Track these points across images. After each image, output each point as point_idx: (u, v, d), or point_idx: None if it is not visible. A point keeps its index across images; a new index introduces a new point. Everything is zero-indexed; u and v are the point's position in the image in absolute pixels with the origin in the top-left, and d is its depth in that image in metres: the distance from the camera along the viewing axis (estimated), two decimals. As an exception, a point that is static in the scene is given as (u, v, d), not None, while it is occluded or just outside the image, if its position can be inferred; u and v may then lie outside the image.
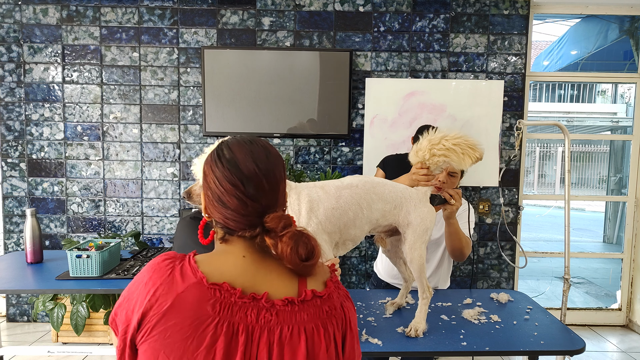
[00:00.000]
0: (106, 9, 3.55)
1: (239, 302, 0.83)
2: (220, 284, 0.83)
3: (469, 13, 3.59)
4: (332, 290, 0.92)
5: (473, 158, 1.64)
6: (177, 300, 0.81)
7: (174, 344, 0.79)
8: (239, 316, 0.82)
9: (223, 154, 0.91)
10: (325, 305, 0.89)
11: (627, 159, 4.08)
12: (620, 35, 4.42)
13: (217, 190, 0.89)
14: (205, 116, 3.49)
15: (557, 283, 5.59)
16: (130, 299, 0.85)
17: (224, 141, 0.96)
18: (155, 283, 0.82)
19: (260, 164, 0.90)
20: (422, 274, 1.63)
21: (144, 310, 0.81)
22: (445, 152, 1.63)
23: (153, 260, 0.88)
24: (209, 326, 0.80)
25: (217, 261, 0.89)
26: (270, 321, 0.84)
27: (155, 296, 0.81)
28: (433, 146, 1.64)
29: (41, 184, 3.66)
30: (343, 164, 3.67)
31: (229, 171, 0.88)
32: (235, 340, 0.81)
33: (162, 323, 0.80)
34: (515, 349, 1.57)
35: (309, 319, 0.86)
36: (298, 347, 0.84)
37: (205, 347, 0.79)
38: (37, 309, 3.20)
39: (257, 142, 0.94)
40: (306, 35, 3.59)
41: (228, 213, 0.89)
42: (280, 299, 0.86)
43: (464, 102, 3.55)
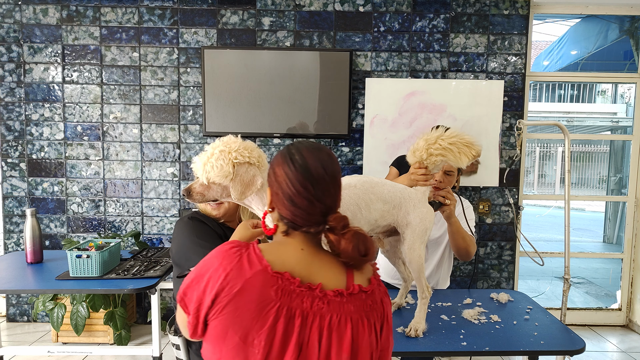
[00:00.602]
0: (106, 9, 3.55)
1: (297, 290, 0.94)
2: (282, 272, 0.95)
3: (469, 13, 3.59)
4: (375, 287, 1.04)
5: (470, 156, 1.64)
6: (245, 284, 0.92)
7: (241, 322, 0.91)
8: (296, 302, 0.93)
9: (295, 159, 1.02)
10: (369, 300, 1.01)
11: (627, 159, 4.08)
12: (620, 35, 4.42)
13: (289, 190, 1.00)
14: (205, 116, 3.49)
15: (557, 283, 5.59)
16: (199, 281, 0.95)
17: (293, 147, 1.06)
18: (226, 268, 0.94)
19: (327, 169, 1.02)
20: (421, 274, 1.63)
21: (216, 292, 0.92)
22: (442, 152, 1.63)
23: (221, 247, 1.00)
24: (271, 309, 0.91)
25: (278, 251, 1.00)
26: (322, 309, 0.95)
27: (226, 280, 0.92)
28: (430, 146, 1.64)
29: (41, 184, 3.66)
30: (343, 164, 3.67)
31: (302, 175, 1.00)
32: (292, 323, 0.92)
33: (232, 303, 0.92)
34: (515, 349, 1.57)
35: (355, 310, 0.98)
36: (344, 334, 0.95)
37: (268, 326, 0.91)
38: (37, 309, 3.20)
39: (323, 148, 1.07)
40: (306, 35, 3.59)
41: (297, 211, 1.00)
42: (332, 290, 0.97)
43: (464, 102, 3.55)
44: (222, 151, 1.40)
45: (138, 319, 3.75)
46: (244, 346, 0.91)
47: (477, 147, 1.65)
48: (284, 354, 0.91)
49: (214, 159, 1.39)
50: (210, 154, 1.41)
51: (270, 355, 0.91)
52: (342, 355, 0.94)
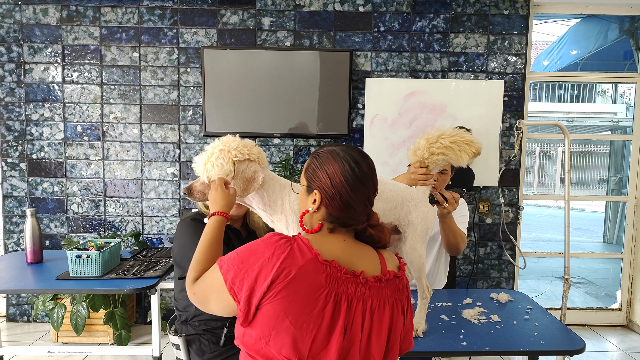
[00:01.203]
0: (106, 9, 3.55)
1: (343, 276, 1.02)
2: (330, 261, 1.02)
3: (469, 13, 3.59)
4: (404, 273, 1.14)
5: (470, 154, 1.64)
6: (299, 271, 0.98)
7: (293, 306, 0.97)
8: (343, 288, 1.01)
9: (352, 166, 1.09)
10: (400, 284, 1.11)
11: (627, 159, 4.08)
12: (620, 35, 4.42)
13: (348, 196, 1.08)
14: (205, 116, 3.49)
15: (557, 283, 5.59)
16: (250, 270, 1.00)
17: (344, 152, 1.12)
18: (280, 257, 0.99)
19: (374, 174, 1.13)
20: (422, 274, 1.63)
21: (272, 278, 0.98)
22: (444, 151, 1.63)
23: (268, 238, 1.05)
24: (321, 294, 0.98)
25: (324, 242, 1.08)
26: (364, 294, 1.03)
27: (282, 267, 0.98)
28: (431, 145, 1.64)
29: (41, 184, 3.66)
30: (343, 164, 3.66)
31: (360, 181, 1.09)
32: (339, 307, 1.00)
33: (286, 289, 0.97)
34: (515, 349, 1.57)
35: (390, 294, 1.08)
36: (384, 316, 1.05)
37: (317, 310, 0.97)
38: (37, 309, 3.20)
39: (365, 153, 1.15)
40: (306, 35, 3.59)
41: (353, 213, 1.09)
42: (372, 277, 1.06)
43: (464, 102, 3.55)
44: (221, 150, 1.42)
45: (138, 319, 3.75)
46: (293, 329, 0.97)
47: (477, 145, 1.65)
48: (331, 336, 0.98)
49: (214, 158, 1.41)
50: (210, 153, 1.43)
51: (317, 337, 0.98)
52: (382, 335, 1.04)
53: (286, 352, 0.97)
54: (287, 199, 1.44)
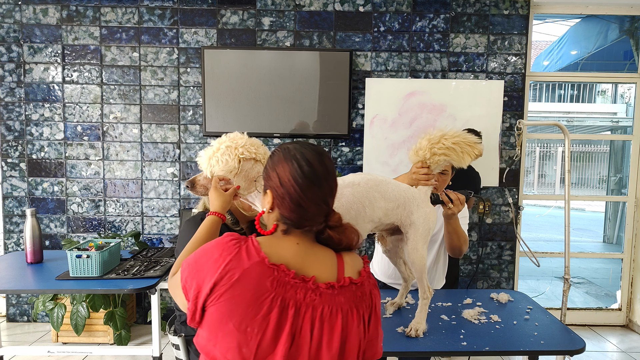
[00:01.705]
0: (106, 9, 3.55)
1: (291, 281, 0.98)
2: (278, 265, 0.99)
3: (469, 13, 3.59)
4: (364, 279, 1.07)
5: (472, 155, 1.64)
6: (243, 274, 0.96)
7: (237, 309, 0.95)
8: (291, 293, 0.97)
9: (302, 164, 1.04)
10: (359, 291, 1.05)
11: (627, 159, 4.08)
12: (620, 35, 4.42)
13: (297, 196, 1.03)
14: (205, 116, 3.49)
15: (557, 283, 5.59)
16: (200, 270, 0.99)
17: (297, 150, 1.07)
18: (226, 259, 0.97)
19: (330, 174, 1.07)
20: (423, 274, 1.63)
21: (215, 280, 0.96)
22: (446, 151, 1.63)
23: (220, 239, 1.03)
24: (266, 299, 0.95)
25: (275, 244, 1.04)
26: (314, 300, 0.99)
27: (225, 269, 0.96)
28: (433, 145, 1.64)
29: (41, 184, 3.66)
30: (343, 164, 3.67)
31: (311, 181, 1.04)
32: (285, 313, 0.96)
33: (230, 292, 0.95)
34: (515, 348, 1.57)
35: (345, 301, 1.02)
36: (335, 325, 0.99)
37: (261, 315, 0.94)
38: (37, 309, 3.20)
39: (324, 152, 1.10)
40: (306, 35, 3.59)
41: (305, 214, 1.04)
42: (324, 283, 1.01)
43: (464, 102, 3.55)
44: (228, 146, 1.42)
45: (138, 319, 3.75)
46: (237, 333, 0.95)
47: (479, 147, 1.66)
48: (277, 342, 0.95)
49: (220, 154, 1.42)
50: (216, 148, 1.43)
51: (262, 343, 0.94)
52: (333, 345, 0.98)
53: (231, 356, 0.95)
54: None
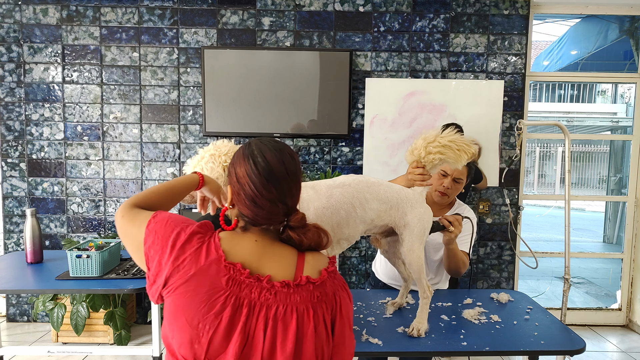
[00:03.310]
0: (106, 9, 3.55)
1: (246, 280, 0.97)
2: (235, 263, 0.98)
3: (469, 13, 3.59)
4: (325, 279, 1.04)
5: (469, 154, 1.64)
6: (199, 271, 0.96)
7: (190, 305, 0.94)
8: (245, 292, 0.96)
9: (258, 161, 1.03)
10: (317, 291, 1.01)
11: (627, 159, 4.08)
12: (620, 35, 4.42)
13: (252, 193, 1.02)
14: (205, 116, 3.49)
15: (557, 283, 5.59)
16: (163, 253, 0.99)
17: (255, 147, 1.06)
18: (184, 253, 0.98)
19: (289, 172, 1.04)
20: (422, 274, 1.63)
21: (169, 274, 0.97)
22: (441, 150, 1.63)
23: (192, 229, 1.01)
24: (220, 297, 0.95)
25: (235, 242, 1.03)
26: (268, 300, 0.97)
27: (182, 264, 0.97)
28: (429, 144, 1.64)
29: (41, 184, 3.66)
30: (343, 164, 3.67)
31: (265, 178, 1.02)
32: (239, 311, 0.95)
33: (184, 286, 0.96)
34: (516, 349, 1.57)
35: (301, 301, 0.99)
36: (290, 324, 0.97)
37: (214, 313, 0.94)
38: (37, 309, 3.20)
39: (285, 149, 1.07)
40: (306, 35, 3.59)
41: (260, 212, 1.03)
42: (279, 282, 0.99)
43: (464, 102, 3.55)
44: (212, 155, 1.45)
45: (138, 319, 3.75)
46: (189, 328, 0.94)
47: (474, 147, 1.66)
48: (229, 341, 0.94)
49: (204, 162, 1.45)
50: (200, 157, 1.47)
51: (214, 340, 0.94)
52: (287, 345, 0.96)
53: (184, 352, 0.95)
54: None
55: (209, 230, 1.04)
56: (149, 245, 1.02)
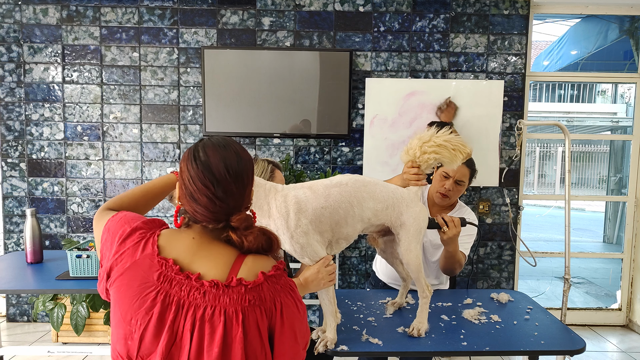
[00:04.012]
0: (106, 9, 3.55)
1: (176, 277, 0.95)
2: (167, 259, 0.97)
3: (469, 13, 3.59)
4: (261, 282, 0.98)
5: (464, 153, 1.64)
6: (133, 265, 0.96)
7: (124, 298, 0.94)
8: (175, 290, 0.94)
9: (198, 156, 1.02)
10: (250, 295, 0.96)
11: (627, 159, 4.08)
12: (620, 35, 4.42)
13: (190, 187, 1.01)
14: (205, 116, 3.49)
15: (557, 283, 5.59)
16: (110, 248, 1.01)
17: (201, 142, 1.05)
18: (125, 247, 0.99)
19: (230, 170, 1.01)
20: (420, 273, 1.63)
21: (110, 267, 0.98)
22: (436, 149, 1.63)
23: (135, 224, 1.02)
24: (151, 292, 0.93)
25: (174, 237, 1.02)
26: (197, 299, 0.94)
27: (121, 257, 0.98)
28: (424, 144, 1.64)
29: (41, 184, 3.66)
30: (343, 164, 3.67)
31: (202, 173, 1.00)
32: (168, 309, 0.93)
33: (120, 279, 0.96)
34: (516, 348, 1.57)
35: (230, 303, 0.95)
36: (217, 327, 0.93)
37: (145, 308, 0.92)
38: (37, 309, 3.20)
39: (231, 146, 1.05)
40: (306, 35, 3.59)
41: (198, 208, 1.01)
42: (208, 281, 0.96)
43: (464, 102, 3.55)
44: None
45: (138, 319, 3.74)
46: (123, 323, 0.93)
47: (469, 146, 1.66)
48: (159, 339, 0.92)
49: None
50: None
51: (145, 338, 0.92)
52: (213, 349, 0.92)
53: (120, 348, 0.94)
54: (273, 203, 1.43)
55: (155, 226, 1.03)
56: (103, 242, 1.04)
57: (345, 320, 1.73)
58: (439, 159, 1.66)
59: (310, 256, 1.47)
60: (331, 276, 1.51)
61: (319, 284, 1.50)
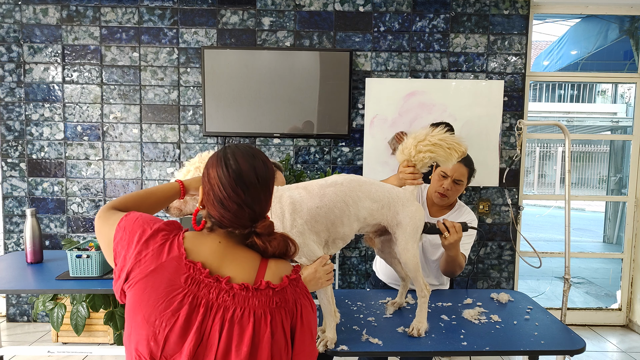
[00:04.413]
0: (106, 9, 3.55)
1: (205, 280, 0.97)
2: (195, 262, 0.98)
3: (469, 13, 3.59)
4: (286, 285, 1.04)
5: (459, 152, 1.64)
6: (159, 267, 0.97)
7: (148, 300, 0.95)
8: (203, 292, 0.96)
9: (230, 163, 1.04)
10: (277, 297, 1.01)
11: (627, 159, 4.08)
12: (620, 35, 4.42)
13: (220, 194, 1.03)
14: (205, 116, 3.49)
15: (557, 283, 5.59)
16: (128, 248, 1.01)
17: (229, 149, 1.08)
18: (147, 248, 0.99)
19: (260, 177, 1.05)
20: (418, 273, 1.63)
21: (131, 268, 0.98)
22: (431, 148, 1.63)
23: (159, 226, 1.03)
24: (178, 294, 0.95)
25: (199, 241, 1.04)
26: (226, 301, 0.97)
27: (145, 259, 0.98)
28: (419, 143, 1.64)
29: (41, 184, 3.66)
30: (343, 164, 3.67)
31: (234, 181, 1.02)
32: (196, 311, 0.95)
33: (143, 281, 0.96)
34: (516, 348, 1.57)
35: (259, 305, 0.99)
36: (246, 328, 0.96)
37: (171, 310, 0.94)
38: (37, 309, 3.20)
39: (259, 155, 1.08)
40: (306, 35, 3.59)
41: (226, 214, 1.03)
42: (238, 284, 0.99)
43: (464, 102, 3.55)
44: (197, 167, 1.47)
45: (138, 319, 3.74)
46: (146, 325, 0.94)
47: (464, 145, 1.66)
48: (184, 339, 0.94)
49: (190, 175, 1.46)
50: (186, 170, 1.48)
51: (170, 338, 0.93)
52: (242, 349, 0.95)
53: (142, 349, 0.94)
54: (277, 203, 1.43)
55: (176, 228, 1.05)
56: (117, 241, 1.04)
57: (345, 320, 1.73)
58: (434, 158, 1.66)
59: (307, 256, 1.47)
60: (329, 275, 1.51)
61: (316, 284, 1.50)
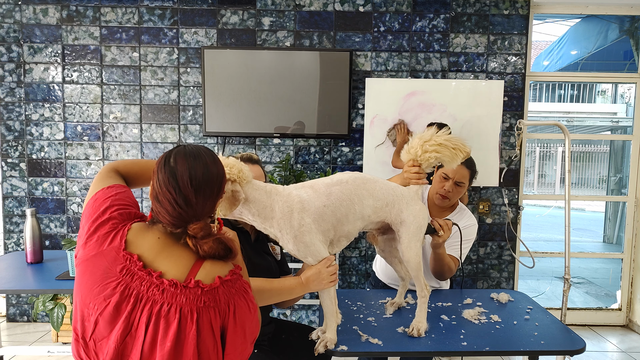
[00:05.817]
0: (106, 9, 3.55)
1: (138, 272, 1.01)
2: (132, 254, 1.03)
3: (469, 13, 3.59)
4: (217, 286, 1.07)
5: (464, 152, 1.66)
6: (99, 254, 1.03)
7: (86, 282, 1.01)
8: (136, 284, 1.01)
9: (168, 162, 1.09)
10: (206, 296, 1.04)
11: (627, 159, 4.08)
12: (620, 35, 4.42)
13: (157, 189, 1.08)
14: (205, 116, 3.49)
15: (557, 283, 5.59)
16: (86, 223, 1.08)
17: (178, 148, 1.12)
18: (95, 233, 1.05)
19: (193, 180, 1.07)
20: (419, 272, 1.63)
21: (79, 247, 1.06)
22: (437, 148, 1.64)
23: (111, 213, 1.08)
24: (112, 282, 1.00)
25: (142, 234, 1.08)
26: (155, 295, 1.01)
27: (90, 243, 1.05)
28: (425, 143, 1.65)
29: (41, 184, 3.66)
30: (343, 164, 3.67)
31: (167, 179, 1.07)
32: (127, 301, 0.99)
33: (85, 264, 1.03)
34: (516, 348, 1.57)
35: (186, 302, 1.02)
36: (172, 323, 1.00)
37: (103, 295, 0.99)
38: (37, 309, 3.19)
39: (202, 157, 1.11)
40: (306, 35, 3.59)
41: (161, 210, 1.08)
42: (168, 280, 1.03)
43: (464, 102, 3.55)
44: None
45: (138, 319, 3.74)
46: (82, 305, 1.00)
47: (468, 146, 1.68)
48: (113, 326, 0.99)
49: None
50: None
51: (99, 322, 0.99)
52: (166, 343, 0.99)
53: (78, 327, 1.01)
54: (276, 205, 1.43)
55: (128, 219, 1.10)
56: (86, 207, 1.12)
57: (345, 320, 1.73)
58: (439, 158, 1.66)
59: (313, 255, 1.48)
60: (332, 277, 1.52)
61: (320, 284, 1.51)
